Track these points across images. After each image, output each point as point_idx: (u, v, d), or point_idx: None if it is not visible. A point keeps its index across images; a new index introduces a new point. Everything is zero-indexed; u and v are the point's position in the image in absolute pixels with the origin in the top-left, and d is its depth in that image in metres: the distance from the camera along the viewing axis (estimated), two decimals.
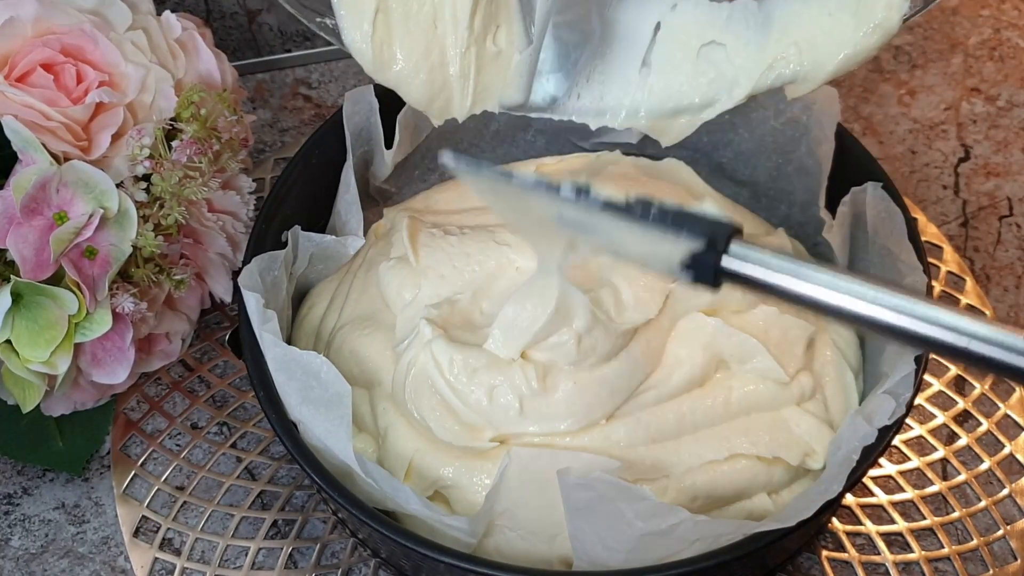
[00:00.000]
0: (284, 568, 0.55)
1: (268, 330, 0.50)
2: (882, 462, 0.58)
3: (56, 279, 0.51)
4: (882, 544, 0.56)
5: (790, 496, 0.51)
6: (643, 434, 0.50)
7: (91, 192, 0.51)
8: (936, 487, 0.58)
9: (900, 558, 0.55)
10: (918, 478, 0.58)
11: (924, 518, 0.57)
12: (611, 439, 0.50)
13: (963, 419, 0.60)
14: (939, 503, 0.57)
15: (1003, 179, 0.70)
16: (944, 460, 0.59)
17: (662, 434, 0.51)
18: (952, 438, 0.59)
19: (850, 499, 0.57)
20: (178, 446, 0.60)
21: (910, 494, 0.57)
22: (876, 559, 0.55)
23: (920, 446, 0.59)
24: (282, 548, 0.56)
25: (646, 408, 0.51)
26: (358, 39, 0.44)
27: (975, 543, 0.56)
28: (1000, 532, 0.56)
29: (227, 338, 0.62)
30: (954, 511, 0.57)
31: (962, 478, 0.58)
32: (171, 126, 0.55)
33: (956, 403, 0.60)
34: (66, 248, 0.50)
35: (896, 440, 0.57)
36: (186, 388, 0.62)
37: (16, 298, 0.50)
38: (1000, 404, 0.60)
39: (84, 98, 0.53)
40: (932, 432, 0.59)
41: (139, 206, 0.53)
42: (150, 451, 0.60)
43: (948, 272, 0.65)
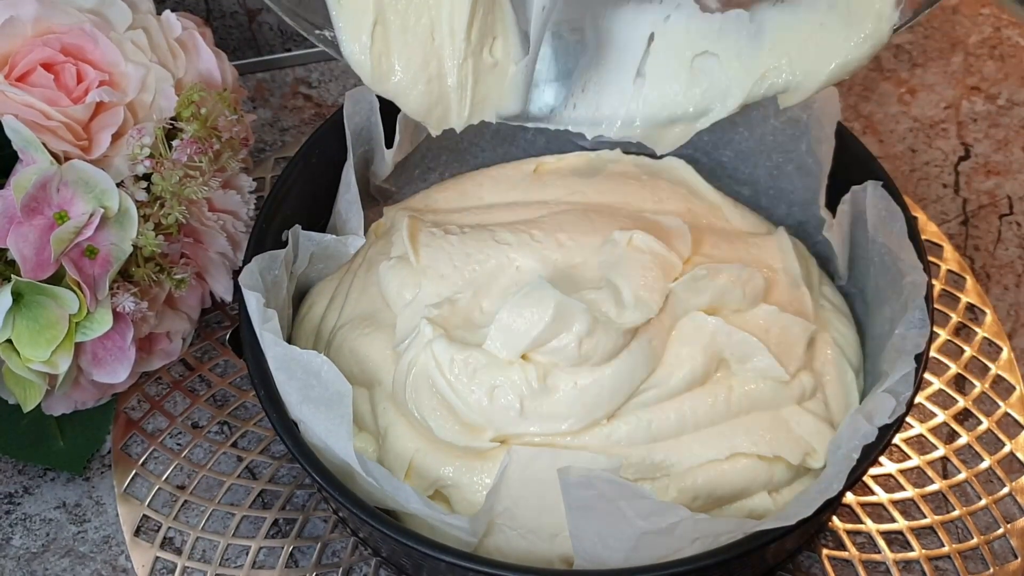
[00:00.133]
0: (285, 567, 0.55)
1: (268, 329, 0.50)
2: (882, 461, 0.58)
3: (57, 278, 0.51)
4: (882, 543, 0.56)
5: (791, 495, 0.51)
6: (644, 433, 0.50)
7: (91, 191, 0.51)
8: (936, 486, 0.58)
9: (900, 556, 0.55)
10: (918, 477, 0.58)
11: (924, 516, 0.57)
12: (612, 438, 0.50)
13: (963, 418, 0.60)
14: (939, 502, 0.57)
15: (1003, 178, 0.70)
16: (944, 459, 0.59)
17: (663, 433, 0.51)
18: (952, 437, 0.59)
19: (850, 498, 0.57)
20: (179, 445, 0.60)
21: (910, 493, 0.57)
22: (876, 558, 0.55)
23: (920, 445, 0.59)
24: (283, 547, 0.56)
25: (647, 407, 0.51)
26: (356, 51, 0.44)
27: (975, 541, 0.56)
28: (1000, 530, 0.56)
29: (227, 337, 0.62)
30: (954, 510, 0.57)
31: (962, 477, 0.58)
32: (171, 125, 0.55)
33: (956, 402, 0.60)
34: (67, 247, 0.50)
35: (896, 439, 0.57)
36: (187, 387, 0.62)
37: (17, 297, 0.50)
38: (1000, 403, 0.60)
39: (84, 97, 0.53)
40: (932, 431, 0.59)
41: (139, 205, 0.53)
42: (151, 450, 0.60)
43: (948, 271, 0.65)
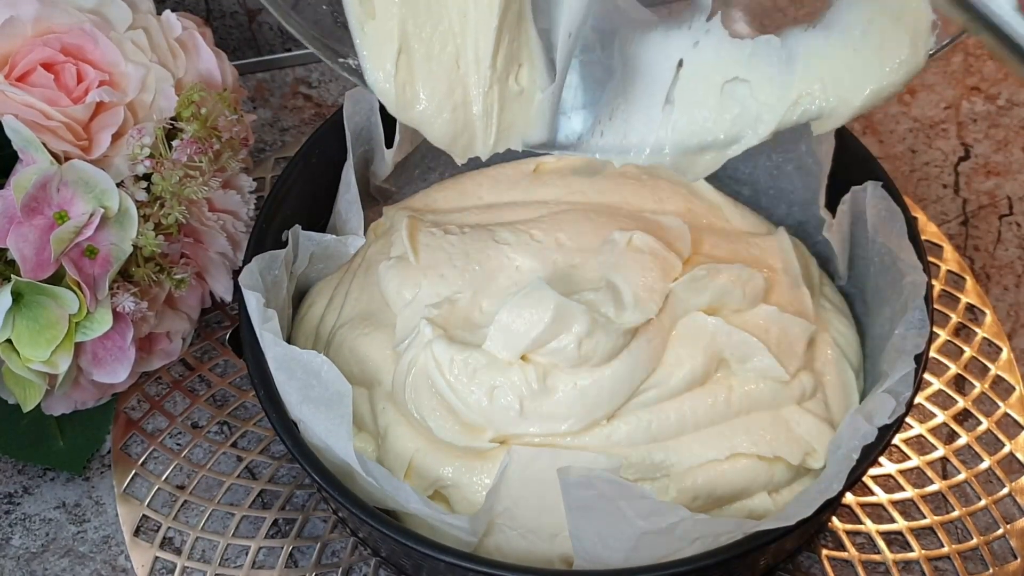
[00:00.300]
0: (284, 567, 0.55)
1: (268, 329, 0.50)
2: (882, 461, 0.58)
3: (57, 278, 0.51)
4: (882, 543, 0.56)
5: (790, 495, 0.51)
6: (644, 434, 0.50)
7: (91, 191, 0.51)
8: (936, 486, 0.58)
9: (900, 557, 0.55)
10: (918, 477, 0.58)
11: (924, 517, 0.57)
12: (612, 439, 0.50)
13: (963, 418, 0.60)
14: (939, 502, 0.57)
15: (1003, 178, 0.70)
16: (944, 459, 0.59)
17: (663, 433, 0.51)
18: (952, 437, 0.59)
19: (850, 498, 0.57)
20: (179, 445, 0.60)
21: (910, 493, 0.57)
22: (876, 558, 0.55)
23: (920, 445, 0.59)
24: (282, 547, 0.56)
25: (647, 407, 0.51)
26: (380, 79, 0.43)
27: (975, 542, 0.56)
28: (1000, 531, 0.56)
29: (227, 337, 0.62)
30: (954, 510, 0.57)
31: (962, 477, 0.58)
32: (171, 125, 0.55)
33: (956, 402, 0.60)
34: (67, 247, 0.50)
35: (896, 439, 0.57)
36: (187, 387, 0.62)
37: (17, 297, 0.50)
38: (1000, 403, 0.60)
39: (84, 97, 0.53)
40: (932, 431, 0.59)
41: (139, 205, 0.53)
42: (151, 450, 0.60)
43: (948, 271, 0.65)
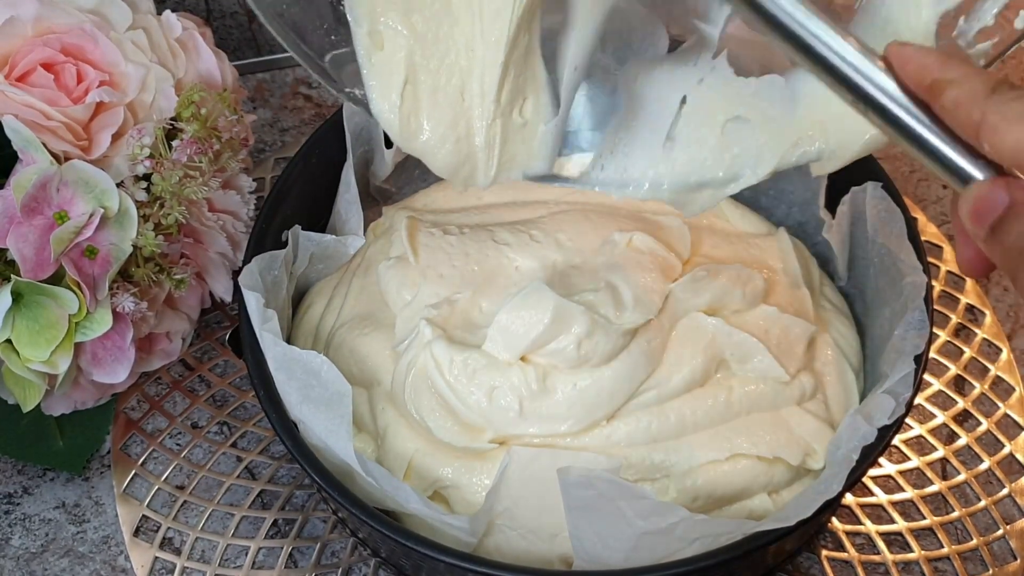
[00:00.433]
0: (284, 567, 0.55)
1: (268, 329, 0.50)
2: (882, 462, 0.58)
3: (56, 278, 0.51)
4: (882, 544, 0.56)
5: (790, 496, 0.51)
6: (644, 434, 0.50)
7: (91, 191, 0.51)
8: (936, 487, 0.58)
9: (900, 558, 0.55)
10: (918, 478, 0.58)
11: (924, 518, 0.57)
12: (612, 439, 0.50)
13: (963, 419, 0.60)
14: (939, 503, 0.57)
15: None
16: (944, 460, 0.59)
17: (663, 434, 0.51)
18: (952, 438, 0.59)
19: (850, 499, 0.57)
20: (178, 445, 0.60)
21: (910, 494, 0.57)
22: (876, 559, 0.55)
23: (920, 446, 0.59)
24: (282, 547, 0.56)
25: (647, 408, 0.51)
26: (386, 110, 0.43)
27: (975, 543, 0.56)
28: (1000, 532, 0.56)
29: (227, 337, 0.62)
30: (954, 511, 0.57)
31: (962, 478, 0.58)
32: (171, 126, 0.55)
33: (956, 403, 0.60)
34: (66, 247, 0.50)
35: (896, 440, 0.57)
36: (186, 387, 0.62)
37: (16, 297, 0.50)
38: (1000, 404, 0.60)
39: (84, 98, 0.53)
40: (932, 432, 0.59)
41: (139, 205, 0.53)
42: (150, 450, 0.60)
43: (948, 272, 0.65)
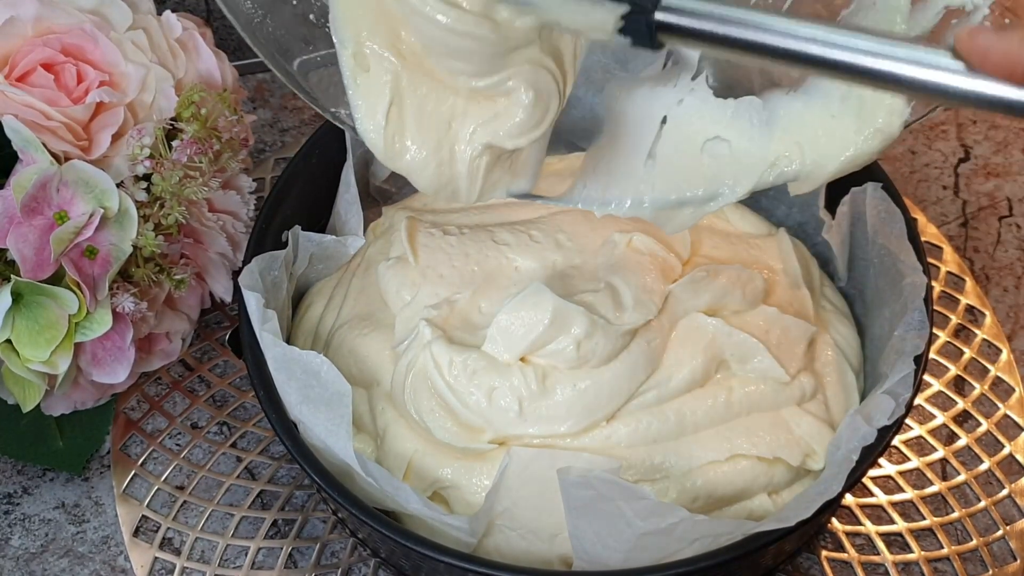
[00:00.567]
0: (284, 568, 0.55)
1: (268, 330, 0.50)
2: (882, 462, 0.58)
3: (56, 279, 0.51)
4: (882, 544, 0.56)
5: (790, 497, 0.51)
6: (644, 435, 0.50)
7: (91, 192, 0.51)
8: (936, 487, 0.58)
9: (900, 558, 0.55)
10: (918, 478, 0.58)
11: (924, 518, 0.57)
12: (611, 440, 0.50)
13: (963, 419, 0.60)
14: (939, 503, 0.57)
15: (1003, 179, 0.70)
16: (944, 460, 0.59)
17: (663, 435, 0.51)
18: (952, 438, 0.59)
19: (850, 499, 0.57)
20: (178, 446, 0.60)
21: (910, 494, 0.57)
22: (875, 559, 0.55)
23: (920, 446, 0.59)
24: (282, 548, 0.56)
25: (647, 409, 0.51)
26: (371, 129, 0.44)
27: (975, 543, 0.56)
28: (1000, 532, 0.56)
29: (227, 338, 0.62)
30: (954, 511, 0.57)
31: (962, 478, 0.58)
32: (171, 126, 0.55)
33: (956, 403, 0.60)
34: (66, 248, 0.50)
35: (896, 440, 0.57)
36: (186, 388, 0.62)
37: (16, 298, 0.50)
38: (1000, 404, 0.60)
39: (84, 98, 0.53)
40: (932, 432, 0.59)
41: (139, 206, 0.53)
42: (150, 451, 0.60)
43: (948, 272, 0.65)
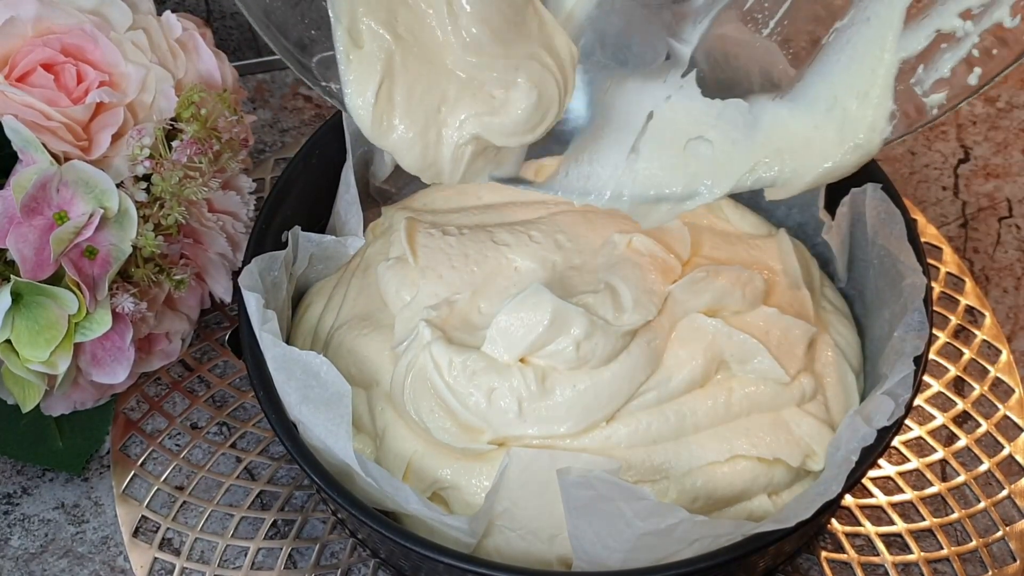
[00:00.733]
0: (284, 568, 0.55)
1: (268, 330, 0.50)
2: (881, 463, 0.58)
3: (56, 279, 0.51)
4: (881, 545, 0.56)
5: (790, 497, 0.51)
6: (643, 436, 0.50)
7: (91, 192, 0.51)
8: (935, 488, 0.58)
9: (899, 559, 0.55)
10: (917, 479, 0.58)
11: (923, 519, 0.57)
12: (611, 441, 0.50)
13: (962, 420, 0.60)
14: (938, 504, 0.57)
15: (1003, 180, 0.70)
16: (943, 461, 0.59)
17: (663, 435, 0.51)
18: (951, 439, 0.59)
19: (849, 500, 0.57)
20: (178, 446, 0.60)
21: (909, 495, 0.57)
22: (875, 560, 0.55)
23: (919, 447, 0.59)
24: (282, 548, 0.56)
25: (647, 409, 0.51)
26: (359, 105, 0.45)
27: (974, 544, 0.56)
28: (999, 533, 0.56)
29: (227, 338, 0.62)
30: (953, 512, 0.57)
31: (961, 479, 0.58)
32: (171, 126, 0.55)
33: (955, 404, 0.60)
34: (66, 248, 0.50)
35: (895, 441, 0.57)
36: (186, 388, 0.62)
37: (16, 298, 0.50)
38: (1000, 405, 0.60)
39: (84, 98, 0.53)
40: (931, 433, 0.59)
41: (139, 206, 0.53)
42: (150, 451, 0.60)
43: (948, 273, 0.65)
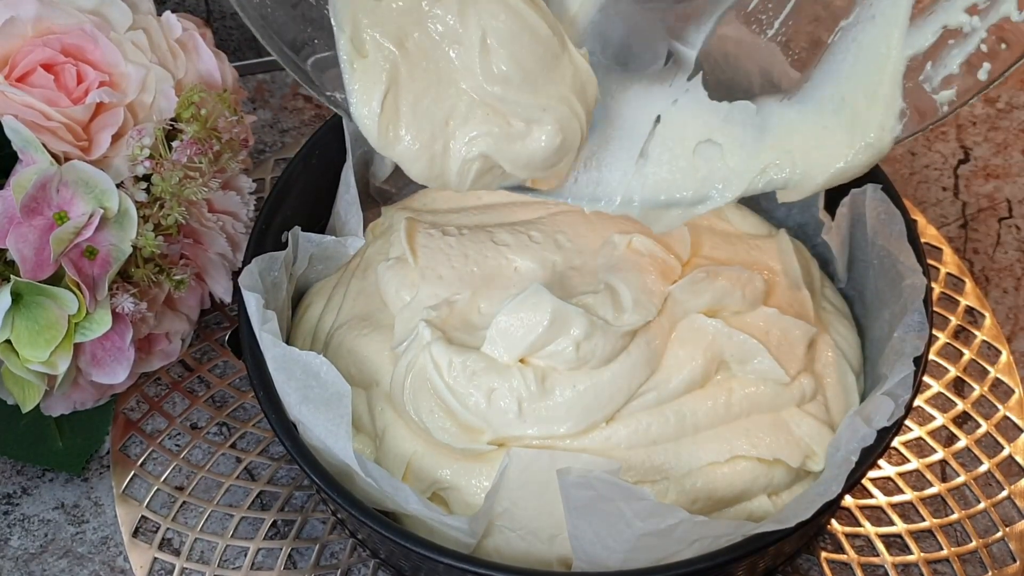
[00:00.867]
0: (283, 568, 0.55)
1: (268, 330, 0.50)
2: (881, 463, 0.58)
3: (56, 279, 0.51)
4: (881, 546, 0.56)
5: (790, 498, 0.51)
6: (643, 436, 0.50)
7: (91, 192, 0.51)
8: (935, 489, 0.58)
9: (899, 560, 0.55)
10: (917, 480, 0.58)
11: (923, 520, 0.57)
12: (611, 441, 0.50)
13: (962, 421, 0.60)
14: (938, 505, 0.57)
15: (1003, 181, 0.70)
16: (943, 462, 0.59)
17: (662, 436, 0.51)
18: (951, 440, 0.59)
19: (849, 500, 0.57)
20: (178, 446, 0.60)
21: (909, 496, 0.57)
22: (875, 560, 0.55)
23: (919, 448, 0.59)
24: (281, 548, 0.56)
25: (646, 410, 0.51)
26: (365, 115, 0.44)
27: (974, 545, 0.56)
28: (999, 534, 0.56)
29: (227, 338, 0.62)
30: (953, 513, 0.57)
31: (961, 480, 0.58)
32: (171, 126, 0.55)
33: (955, 405, 0.60)
34: (66, 248, 0.50)
35: (895, 442, 0.57)
36: (186, 388, 0.62)
37: (16, 298, 0.50)
38: (999, 406, 0.60)
39: (84, 98, 0.53)
40: (931, 434, 0.59)
41: (139, 206, 0.53)
42: (150, 451, 0.60)
43: (948, 274, 0.65)
